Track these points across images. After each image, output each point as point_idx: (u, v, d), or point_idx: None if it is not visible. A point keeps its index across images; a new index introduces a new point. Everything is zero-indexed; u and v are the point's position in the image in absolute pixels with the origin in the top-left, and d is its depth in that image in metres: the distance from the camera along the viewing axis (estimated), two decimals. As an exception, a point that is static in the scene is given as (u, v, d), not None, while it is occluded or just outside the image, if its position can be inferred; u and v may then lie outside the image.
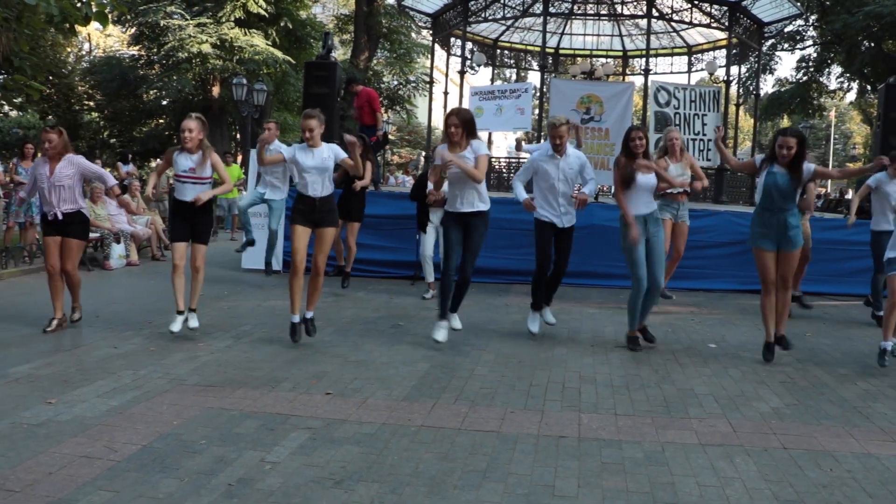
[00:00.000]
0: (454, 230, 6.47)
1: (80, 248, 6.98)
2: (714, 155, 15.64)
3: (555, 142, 6.69)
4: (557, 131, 6.65)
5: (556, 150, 6.72)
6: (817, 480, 3.82)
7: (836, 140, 58.15)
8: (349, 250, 9.35)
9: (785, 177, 6.07)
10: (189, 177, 6.46)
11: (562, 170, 6.73)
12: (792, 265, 6.26)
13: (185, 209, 6.50)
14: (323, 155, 6.31)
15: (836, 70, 30.93)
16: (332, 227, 6.44)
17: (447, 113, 6.54)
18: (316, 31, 27.47)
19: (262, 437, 4.16)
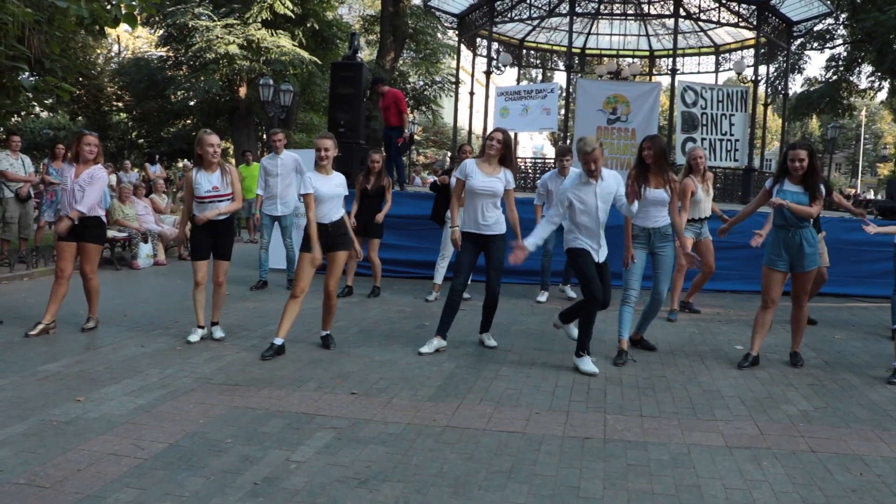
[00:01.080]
0: (469, 252, 6.40)
1: (97, 252, 6.94)
2: (742, 155, 15.52)
3: (589, 167, 5.73)
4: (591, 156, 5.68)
5: (590, 174, 5.78)
6: (846, 484, 3.78)
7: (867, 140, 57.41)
8: (373, 265, 9.22)
9: (797, 195, 5.95)
10: (212, 197, 6.42)
11: (600, 197, 5.83)
12: (806, 285, 6.15)
13: (206, 226, 6.48)
14: (335, 181, 6.24)
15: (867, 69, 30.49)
16: (344, 250, 6.32)
17: (495, 129, 6.54)
18: (342, 32, 27.65)
19: (287, 436, 4.19)
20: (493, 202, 6.33)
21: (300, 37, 25.75)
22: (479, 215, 6.33)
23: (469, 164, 6.35)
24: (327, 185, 6.15)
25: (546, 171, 16.23)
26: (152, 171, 18.00)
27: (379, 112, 21.68)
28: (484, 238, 6.36)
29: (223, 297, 6.76)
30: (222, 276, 6.61)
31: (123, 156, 28.24)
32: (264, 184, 9.40)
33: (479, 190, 6.26)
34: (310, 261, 6.03)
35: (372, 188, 9.06)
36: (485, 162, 6.33)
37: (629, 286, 6.34)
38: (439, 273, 9.04)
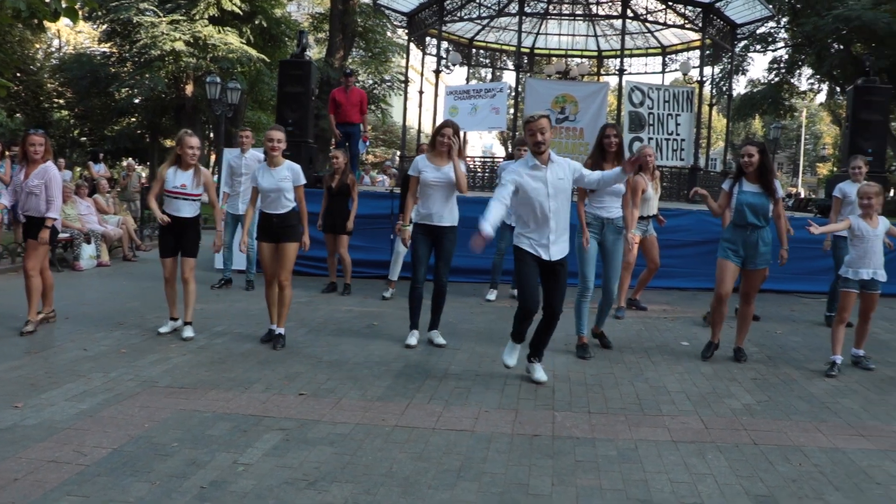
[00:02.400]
0: (424, 244, 6.47)
1: (44, 251, 6.86)
2: (688, 155, 15.76)
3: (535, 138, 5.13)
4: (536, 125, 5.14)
5: (538, 152, 5.17)
6: (787, 475, 3.87)
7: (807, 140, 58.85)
8: (344, 263, 9.34)
9: (756, 195, 6.08)
10: (180, 193, 6.56)
11: (551, 184, 5.20)
12: (756, 283, 6.29)
13: (172, 223, 6.57)
14: (281, 175, 6.33)
15: (807, 71, 31.34)
16: (293, 242, 6.42)
17: (444, 122, 6.56)
18: (291, 30, 27.38)
19: (234, 438, 4.14)
20: (446, 194, 6.39)
21: (248, 34, 25.44)
22: (433, 208, 6.40)
23: (420, 161, 6.42)
24: (268, 179, 6.31)
25: (495, 169, 16.31)
26: (96, 171, 17.63)
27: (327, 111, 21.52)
28: (437, 230, 6.42)
29: (193, 295, 6.72)
30: (188, 273, 6.64)
31: (65, 154, 27.56)
32: (230, 181, 9.34)
33: (432, 182, 6.33)
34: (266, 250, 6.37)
35: (336, 186, 9.16)
36: (436, 156, 6.38)
37: (586, 279, 6.34)
38: (394, 270, 9.08)
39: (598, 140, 6.49)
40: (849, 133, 11.91)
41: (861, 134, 11.39)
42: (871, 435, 4.56)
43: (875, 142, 11.40)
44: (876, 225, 6.14)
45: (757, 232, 6.13)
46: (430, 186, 6.35)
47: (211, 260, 10.40)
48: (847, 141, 11.96)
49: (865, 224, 6.15)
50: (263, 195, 6.37)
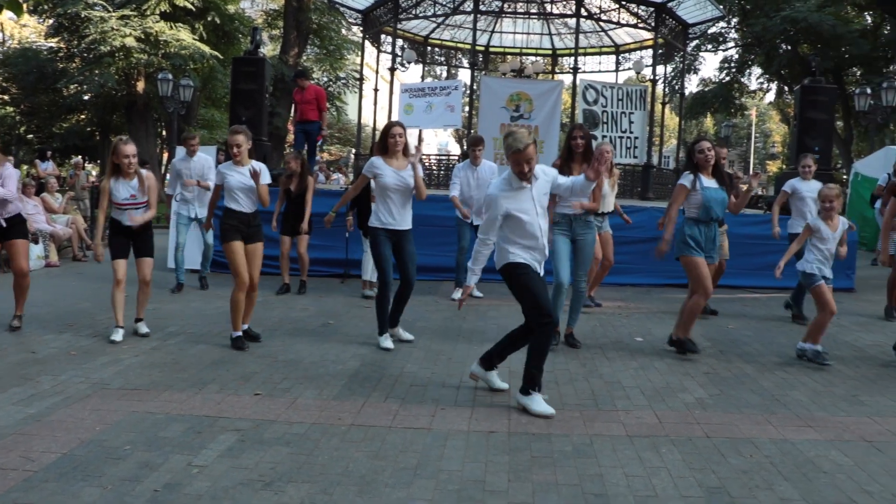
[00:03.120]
0: (386, 245, 6.45)
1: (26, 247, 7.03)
2: (641, 153, 15.97)
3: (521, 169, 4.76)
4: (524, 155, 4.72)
5: (522, 177, 4.81)
6: (738, 466, 3.95)
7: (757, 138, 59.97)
8: (302, 260, 9.35)
9: (717, 190, 6.21)
10: (130, 204, 6.47)
11: (538, 201, 4.93)
12: (715, 277, 6.42)
13: (125, 228, 6.54)
14: (248, 174, 6.33)
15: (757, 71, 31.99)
16: (261, 241, 6.50)
17: (391, 122, 6.55)
18: (244, 26, 27.04)
19: (188, 440, 4.08)
20: (406, 198, 6.41)
21: (200, 30, 25.08)
22: (392, 210, 6.38)
23: (376, 162, 6.38)
24: (235, 177, 6.32)
25: (451, 167, 16.33)
26: (43, 169, 17.25)
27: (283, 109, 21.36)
28: (399, 233, 6.43)
29: (148, 295, 6.71)
30: (148, 275, 6.61)
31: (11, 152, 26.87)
32: (174, 184, 9.29)
33: (392, 186, 6.32)
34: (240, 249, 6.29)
35: (296, 189, 9.19)
36: (392, 157, 6.37)
37: (559, 275, 6.34)
38: (368, 270, 9.05)
39: (566, 141, 6.57)
40: (797, 131, 12.17)
41: (808, 132, 11.64)
42: (819, 426, 4.67)
43: (821, 140, 11.67)
44: (836, 228, 6.32)
45: (714, 226, 6.29)
46: (390, 189, 6.33)
47: (164, 259, 10.25)
48: (795, 139, 12.23)
49: (825, 227, 6.31)
50: (233, 192, 6.32)
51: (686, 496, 3.56)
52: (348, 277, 10.00)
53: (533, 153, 4.74)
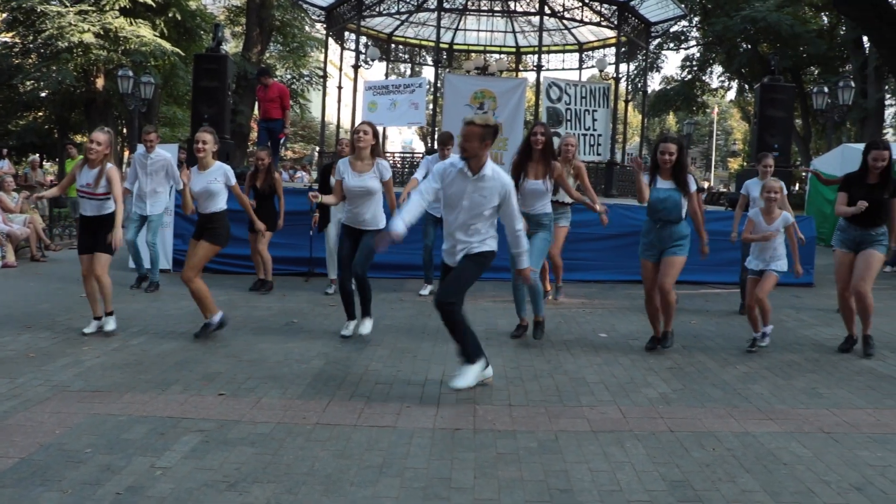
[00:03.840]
0: (348, 242, 6.49)
1: None
2: (604, 150, 16.09)
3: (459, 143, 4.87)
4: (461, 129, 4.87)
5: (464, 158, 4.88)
6: (701, 460, 4.00)
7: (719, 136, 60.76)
8: (263, 259, 9.23)
9: (668, 191, 6.19)
10: (85, 192, 6.47)
11: (469, 195, 4.92)
12: (669, 270, 6.30)
13: (86, 221, 6.57)
14: (210, 178, 6.51)
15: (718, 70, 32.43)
16: (211, 243, 6.53)
17: (360, 123, 6.55)
18: (206, 23, 26.74)
19: (151, 442, 4.03)
20: (367, 200, 6.38)
21: (161, 27, 24.73)
22: (356, 212, 6.41)
23: (341, 164, 6.40)
24: (198, 182, 6.50)
25: (415, 165, 16.32)
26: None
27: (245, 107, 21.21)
28: (360, 232, 6.45)
29: (108, 290, 6.60)
30: (99, 270, 6.52)
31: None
32: (133, 180, 9.08)
33: (352, 189, 6.33)
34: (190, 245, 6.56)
35: (262, 186, 9.11)
36: (357, 158, 6.36)
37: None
38: (331, 268, 9.06)
39: (526, 137, 6.58)
40: (757, 129, 12.36)
41: (768, 130, 11.83)
42: (779, 418, 4.76)
43: (781, 138, 11.87)
44: (772, 221, 6.52)
45: (669, 227, 6.26)
46: (350, 192, 6.36)
47: (126, 259, 10.11)
48: (755, 136, 12.41)
49: (762, 220, 6.55)
50: (195, 196, 6.55)
51: (650, 490, 3.60)
52: (312, 276, 9.95)
53: (472, 135, 4.80)
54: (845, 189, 6.64)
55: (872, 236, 6.55)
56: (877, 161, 6.46)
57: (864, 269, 6.54)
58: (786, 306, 8.97)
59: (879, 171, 6.49)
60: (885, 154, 6.46)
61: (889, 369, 6.17)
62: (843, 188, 6.66)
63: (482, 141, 4.84)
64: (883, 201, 6.48)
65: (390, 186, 6.48)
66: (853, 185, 6.61)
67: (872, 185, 6.51)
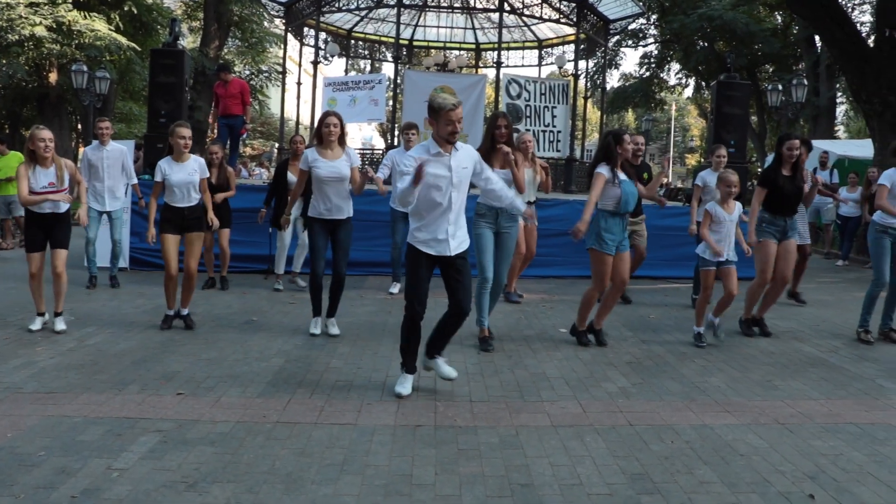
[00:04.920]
0: (321, 236, 6.49)
1: None
2: (564, 146, 16.19)
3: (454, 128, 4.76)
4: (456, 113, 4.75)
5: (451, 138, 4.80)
6: (660, 452, 4.06)
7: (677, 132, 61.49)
8: (224, 254, 9.14)
9: (631, 183, 6.36)
10: (49, 192, 6.36)
11: (455, 171, 4.83)
12: (628, 265, 6.54)
13: (39, 219, 6.44)
14: (189, 169, 6.69)
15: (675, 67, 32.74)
16: (199, 231, 6.82)
17: (327, 112, 6.60)
18: (163, 18, 26.29)
19: (108, 443, 3.97)
20: (340, 187, 6.41)
21: (117, 21, 24.27)
22: (328, 201, 6.41)
23: (310, 154, 6.41)
24: (179, 174, 6.64)
25: (376, 161, 16.27)
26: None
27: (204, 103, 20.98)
28: (334, 222, 6.45)
29: (64, 287, 6.53)
30: (61, 267, 6.45)
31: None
32: (87, 175, 8.87)
33: (325, 177, 6.35)
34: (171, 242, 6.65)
35: (216, 181, 8.98)
36: (326, 148, 6.41)
37: (484, 269, 6.31)
38: (280, 264, 9.07)
39: (489, 129, 6.57)
40: (713, 125, 12.52)
41: (724, 126, 11.99)
42: (736, 410, 4.84)
43: (737, 134, 12.04)
44: (731, 210, 6.67)
45: (627, 218, 6.47)
46: (324, 181, 6.36)
47: (81, 257, 9.92)
48: (712, 133, 12.57)
49: (722, 210, 6.66)
50: (171, 189, 6.63)
51: (610, 483, 3.64)
52: (272, 273, 9.86)
53: (461, 114, 4.77)
54: (765, 184, 7.04)
55: (794, 225, 7.09)
56: (791, 151, 6.92)
57: (791, 258, 7.08)
58: (741, 299, 9.10)
59: (794, 161, 6.95)
60: (797, 143, 6.96)
61: (841, 361, 6.31)
62: (763, 183, 7.09)
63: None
64: (801, 190, 7.00)
65: (357, 172, 6.53)
66: (771, 178, 7.00)
67: (789, 177, 6.98)
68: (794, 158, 6.95)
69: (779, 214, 7.01)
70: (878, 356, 6.54)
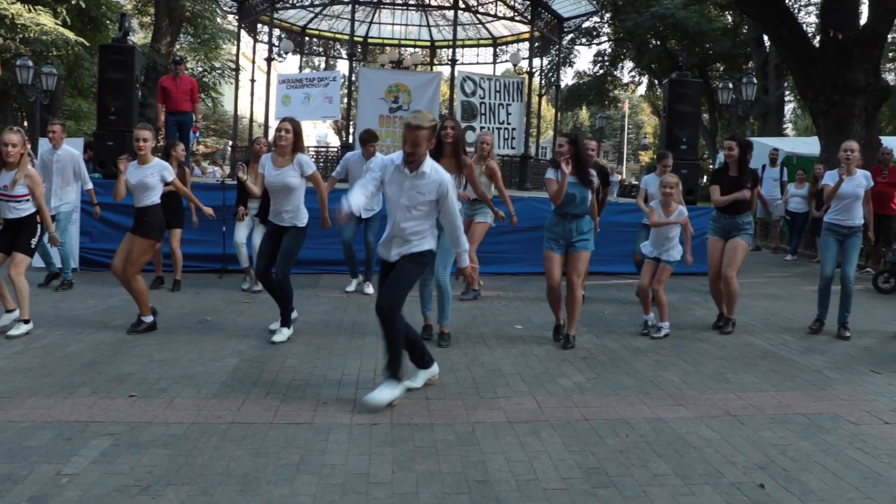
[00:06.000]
0: (267, 240, 6.44)
1: None
2: (518, 143, 16.28)
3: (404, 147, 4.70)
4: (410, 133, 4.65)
5: (408, 162, 4.72)
6: (615, 446, 4.11)
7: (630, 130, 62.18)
8: (175, 256, 8.98)
9: (575, 185, 6.31)
10: (2, 195, 6.31)
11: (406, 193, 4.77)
12: (579, 266, 6.45)
13: (4, 222, 6.41)
14: (147, 171, 6.60)
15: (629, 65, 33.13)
16: (139, 235, 6.50)
17: (282, 119, 6.51)
18: (112, 12, 25.80)
19: (57, 448, 3.88)
20: (286, 195, 6.32)
21: (64, 15, 23.74)
22: (276, 208, 6.38)
23: (265, 158, 6.40)
24: (135, 175, 6.58)
25: (331, 159, 16.19)
26: None
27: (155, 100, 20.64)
28: (281, 228, 6.39)
29: (24, 293, 6.39)
30: (15, 272, 6.33)
31: None
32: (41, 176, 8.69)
33: (268, 184, 6.33)
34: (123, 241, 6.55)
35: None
36: (277, 154, 6.35)
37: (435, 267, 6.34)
38: (242, 259, 8.89)
39: (437, 132, 6.53)
40: (666, 123, 12.68)
41: (677, 124, 12.14)
42: (689, 404, 4.92)
43: (689, 131, 12.20)
44: (671, 214, 6.95)
45: (576, 220, 6.38)
46: (269, 188, 6.36)
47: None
48: (665, 130, 12.73)
49: (661, 212, 6.99)
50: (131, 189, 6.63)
51: (566, 478, 3.67)
52: (226, 273, 9.75)
53: (422, 139, 4.61)
54: (716, 182, 7.33)
55: (739, 224, 7.23)
56: (730, 151, 7.21)
57: (732, 256, 7.20)
58: (694, 294, 9.27)
59: (734, 160, 7.19)
60: (732, 144, 7.22)
61: (790, 353, 6.46)
62: (714, 181, 7.40)
63: (428, 142, 4.72)
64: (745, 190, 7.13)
65: (318, 179, 6.45)
66: (720, 177, 7.30)
67: (735, 177, 7.19)
68: (731, 158, 7.20)
69: (722, 212, 7.26)
70: (826, 348, 6.70)
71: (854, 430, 4.51)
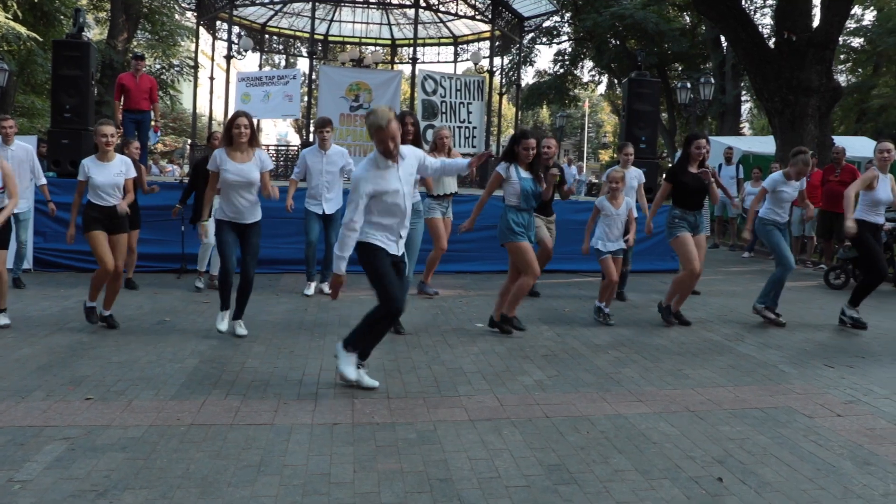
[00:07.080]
0: (230, 235, 6.35)
1: None
2: (479, 142, 16.34)
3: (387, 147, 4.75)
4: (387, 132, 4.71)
5: (388, 155, 4.80)
6: (576, 443, 4.14)
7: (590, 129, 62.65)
8: (130, 254, 8.79)
9: (531, 181, 6.65)
10: None
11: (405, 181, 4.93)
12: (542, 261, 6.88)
13: None
14: (115, 171, 6.57)
15: (588, 64, 33.30)
16: (124, 232, 6.71)
17: (237, 112, 6.43)
18: (66, 7, 25.31)
19: (9, 454, 3.80)
20: (248, 189, 6.30)
21: (15, 9, 23.24)
22: (236, 204, 6.29)
23: (219, 155, 6.28)
24: (104, 174, 6.51)
25: (291, 158, 16.08)
26: None
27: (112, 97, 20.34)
28: (241, 225, 6.34)
29: (4, 285, 6.55)
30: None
31: None
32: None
33: (232, 181, 6.23)
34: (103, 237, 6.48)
35: None
36: (235, 150, 6.27)
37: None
38: (203, 261, 8.85)
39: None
40: (625, 122, 12.81)
41: (636, 123, 12.27)
42: (648, 400, 4.98)
43: (648, 130, 12.35)
44: (619, 206, 7.36)
45: (532, 213, 6.78)
46: (230, 185, 6.25)
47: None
48: (624, 129, 12.86)
49: (609, 204, 7.36)
50: (95, 190, 6.51)
51: (527, 475, 3.69)
52: (185, 272, 9.63)
53: (395, 130, 4.74)
54: (670, 179, 7.48)
55: (702, 220, 7.52)
56: (699, 149, 7.34)
57: (702, 252, 7.47)
58: (654, 292, 9.37)
59: (700, 159, 7.36)
60: (704, 142, 7.40)
61: (748, 349, 6.57)
62: (668, 179, 7.56)
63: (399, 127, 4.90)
64: (706, 186, 7.32)
65: (268, 177, 6.42)
66: (677, 174, 7.42)
67: (696, 174, 7.34)
68: (701, 156, 7.35)
69: (688, 210, 7.39)
70: (781, 343, 6.83)
71: (808, 423, 4.61)
